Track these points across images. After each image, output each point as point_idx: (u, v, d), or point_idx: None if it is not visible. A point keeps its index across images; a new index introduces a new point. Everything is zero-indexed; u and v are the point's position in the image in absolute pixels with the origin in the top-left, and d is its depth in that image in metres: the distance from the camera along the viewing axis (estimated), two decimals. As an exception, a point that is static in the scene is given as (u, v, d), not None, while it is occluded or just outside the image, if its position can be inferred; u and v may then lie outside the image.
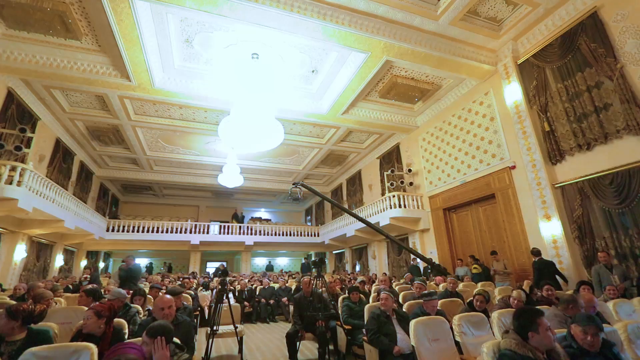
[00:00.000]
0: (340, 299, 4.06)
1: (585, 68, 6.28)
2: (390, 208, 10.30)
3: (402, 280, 7.67)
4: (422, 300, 3.49)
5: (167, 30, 6.78)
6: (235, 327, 4.08)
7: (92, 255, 14.13)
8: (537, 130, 7.09)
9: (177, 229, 13.87)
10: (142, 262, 17.04)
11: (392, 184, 10.91)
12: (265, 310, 7.41)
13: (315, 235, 16.55)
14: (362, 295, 4.23)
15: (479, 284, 6.16)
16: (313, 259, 15.17)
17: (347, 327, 3.78)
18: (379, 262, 12.72)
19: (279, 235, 15.77)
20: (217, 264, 20.16)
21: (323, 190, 18.09)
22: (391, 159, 12.37)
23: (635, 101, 5.49)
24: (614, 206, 5.70)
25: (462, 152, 9.19)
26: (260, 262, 20.24)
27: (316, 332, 3.84)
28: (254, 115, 6.80)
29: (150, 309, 3.56)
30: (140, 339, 1.93)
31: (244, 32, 6.81)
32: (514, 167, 7.66)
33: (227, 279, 4.30)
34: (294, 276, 12.43)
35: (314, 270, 3.76)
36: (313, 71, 8.51)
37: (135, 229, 13.28)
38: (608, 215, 5.82)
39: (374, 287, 5.69)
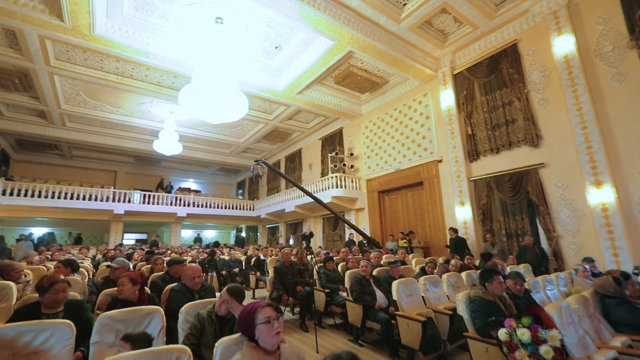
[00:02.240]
0: (316, 267, 4.63)
1: (502, 87, 7.88)
2: (332, 188, 11.15)
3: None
4: (388, 267, 4.32)
5: (124, -28, 5.95)
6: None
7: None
8: (462, 133, 8.61)
9: (96, 196, 12.27)
10: (40, 232, 14.59)
11: (335, 166, 11.74)
12: (224, 281, 7.50)
13: (250, 209, 16.62)
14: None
15: (410, 256, 7.47)
16: (293, 237, 15.18)
17: (326, 290, 4.42)
18: (314, 236, 13.67)
19: (214, 207, 15.36)
20: (137, 236, 18.61)
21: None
22: (333, 142, 13.16)
23: (533, 120, 7.23)
24: (508, 198, 7.53)
25: (399, 143, 10.47)
26: (186, 234, 19.36)
27: (297, 296, 4.37)
28: (219, 86, 6.63)
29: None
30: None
31: (216, -6, 6.42)
32: (440, 161, 9.18)
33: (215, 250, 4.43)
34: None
35: (304, 242, 4.21)
36: (276, 47, 8.48)
37: (42, 194, 11.28)
38: (504, 205, 7.66)
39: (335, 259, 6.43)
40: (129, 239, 17.15)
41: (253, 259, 6.49)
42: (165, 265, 4.16)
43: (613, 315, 2.87)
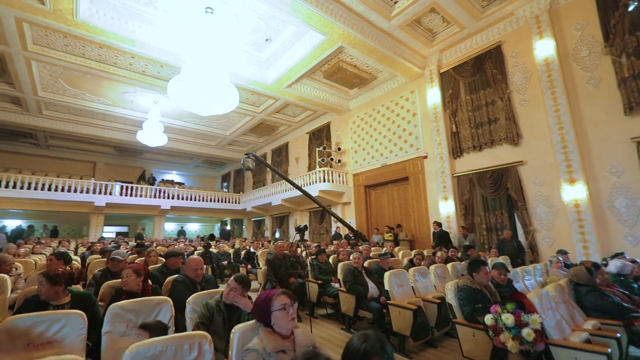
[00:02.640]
0: (309, 259, 4.76)
1: (486, 87, 8.19)
2: (320, 182, 11.27)
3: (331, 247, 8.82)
4: (379, 259, 4.50)
5: (111, -43, 5.74)
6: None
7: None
8: (447, 130, 8.90)
9: (75, 187, 11.83)
10: (14, 225, 13.96)
11: (322, 160, 11.84)
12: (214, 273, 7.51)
13: (235, 202, 16.51)
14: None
15: (396, 248, 7.73)
16: (279, 230, 15.10)
17: (319, 282, 4.55)
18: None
19: (199, 200, 15.16)
20: (117, 229, 18.11)
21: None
22: (321, 136, 13.24)
23: (514, 119, 7.58)
24: (489, 194, 7.89)
25: (386, 139, 10.69)
26: (169, 227, 19.01)
27: (290, 287, 4.49)
28: (209, 77, 6.55)
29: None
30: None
31: (207, -16, 6.31)
32: (426, 157, 9.45)
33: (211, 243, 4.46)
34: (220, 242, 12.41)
35: (298, 235, 4.31)
36: (267, 40, 8.42)
37: (17, 184, 10.77)
38: (485, 200, 8.02)
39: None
40: (109, 232, 16.68)
41: (243, 252, 6.52)
42: (158, 257, 4.17)
43: (585, 301, 3.16)
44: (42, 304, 2.04)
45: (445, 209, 8.60)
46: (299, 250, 5.41)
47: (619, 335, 2.53)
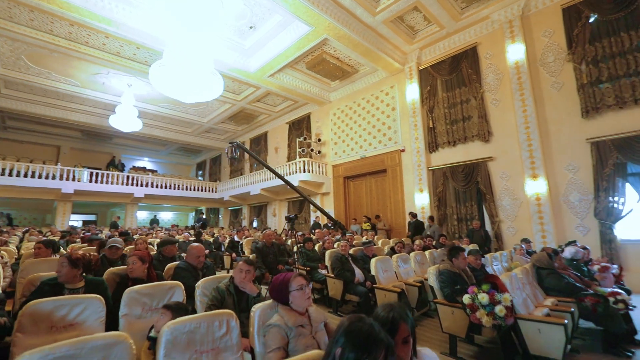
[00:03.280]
0: (295, 248, 4.93)
1: (462, 86, 8.64)
2: (300, 172, 11.40)
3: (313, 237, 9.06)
4: (363, 247, 4.78)
5: None
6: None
7: None
8: (424, 125, 9.32)
9: (40, 173, 11.09)
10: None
11: (303, 150, 11.96)
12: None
13: (212, 191, 16.24)
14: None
15: (375, 237, 8.11)
16: (257, 219, 14.89)
17: (306, 269, 4.76)
18: (278, 219, 13.91)
19: (174, 188, 14.76)
20: (84, 217, 17.24)
21: (223, 146, 17.60)
22: (301, 127, 13.31)
23: (486, 118, 8.10)
24: (461, 187, 8.43)
25: (366, 132, 10.98)
26: (141, 216, 18.36)
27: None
28: (193, 63, 6.42)
29: None
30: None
31: (194, -33, 6.13)
32: (403, 151, 9.86)
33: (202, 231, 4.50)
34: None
35: (288, 224, 4.47)
36: (251, 27, 8.32)
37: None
38: (457, 192, 8.57)
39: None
40: (75, 221, 15.86)
41: (227, 241, 6.58)
42: (149, 246, 4.17)
43: (545, 282, 3.62)
44: (57, 287, 2.08)
45: (420, 201, 9.09)
46: (284, 237, 5.57)
47: (572, 310, 2.97)
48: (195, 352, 1.49)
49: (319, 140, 12.40)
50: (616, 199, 6.09)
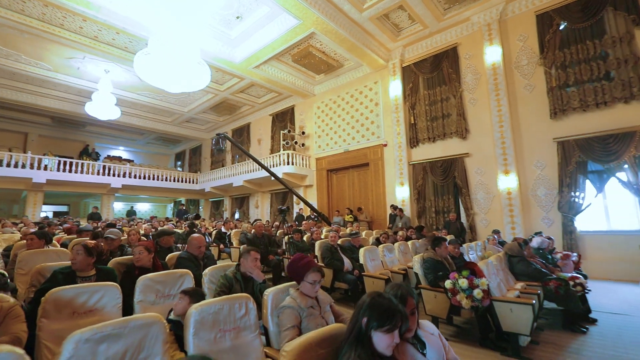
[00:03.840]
0: (285, 238, 5.11)
1: (442, 84, 9.02)
2: (284, 164, 11.49)
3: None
4: (350, 238, 5.03)
5: None
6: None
7: None
8: (406, 121, 9.66)
9: (8, 162, 10.46)
10: None
11: (287, 143, 12.03)
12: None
13: (193, 182, 15.98)
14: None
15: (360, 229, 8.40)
16: (239, 211, 14.70)
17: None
18: (261, 210, 13.97)
19: (153, 179, 14.39)
20: (55, 208, 16.46)
21: (204, 137, 17.28)
22: (285, 119, 13.34)
23: (464, 116, 8.54)
24: (439, 181, 8.88)
25: (349, 126, 11.21)
26: (117, 207, 17.75)
27: (270, 264, 4.83)
28: (179, 52, 6.34)
29: None
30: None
31: (182, -46, 6.01)
32: (385, 145, 10.18)
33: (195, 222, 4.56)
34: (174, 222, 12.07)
35: (280, 215, 4.61)
36: (238, 17, 8.24)
37: None
38: (435, 186, 9.02)
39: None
40: (46, 212, 15.12)
41: (214, 232, 6.63)
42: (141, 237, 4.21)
43: (515, 269, 4.02)
44: (70, 276, 2.14)
45: (401, 194, 9.48)
46: (278, 228, 5.72)
47: (539, 292, 3.37)
48: (219, 331, 1.65)
49: (303, 133, 12.50)
50: (577, 194, 6.70)
